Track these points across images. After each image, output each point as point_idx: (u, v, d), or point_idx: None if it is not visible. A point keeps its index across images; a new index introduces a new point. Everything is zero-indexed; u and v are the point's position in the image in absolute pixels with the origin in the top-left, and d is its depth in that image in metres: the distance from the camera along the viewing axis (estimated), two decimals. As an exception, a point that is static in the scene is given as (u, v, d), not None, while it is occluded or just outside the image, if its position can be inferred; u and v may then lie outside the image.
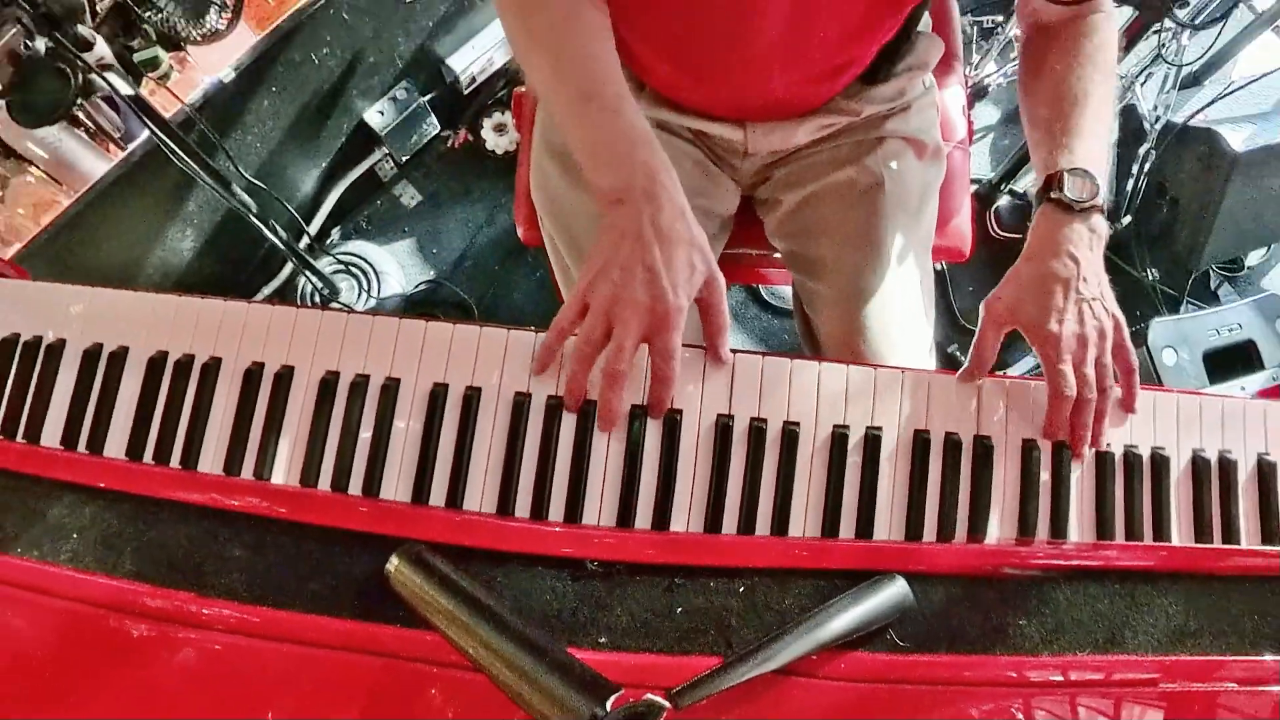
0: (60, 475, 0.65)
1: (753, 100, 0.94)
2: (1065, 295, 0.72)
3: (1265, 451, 0.74)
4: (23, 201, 1.61)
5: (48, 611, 0.60)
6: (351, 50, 1.76)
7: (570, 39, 0.74)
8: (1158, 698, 0.59)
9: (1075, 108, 0.79)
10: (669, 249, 0.67)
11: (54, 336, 0.73)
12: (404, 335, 0.72)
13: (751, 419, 0.70)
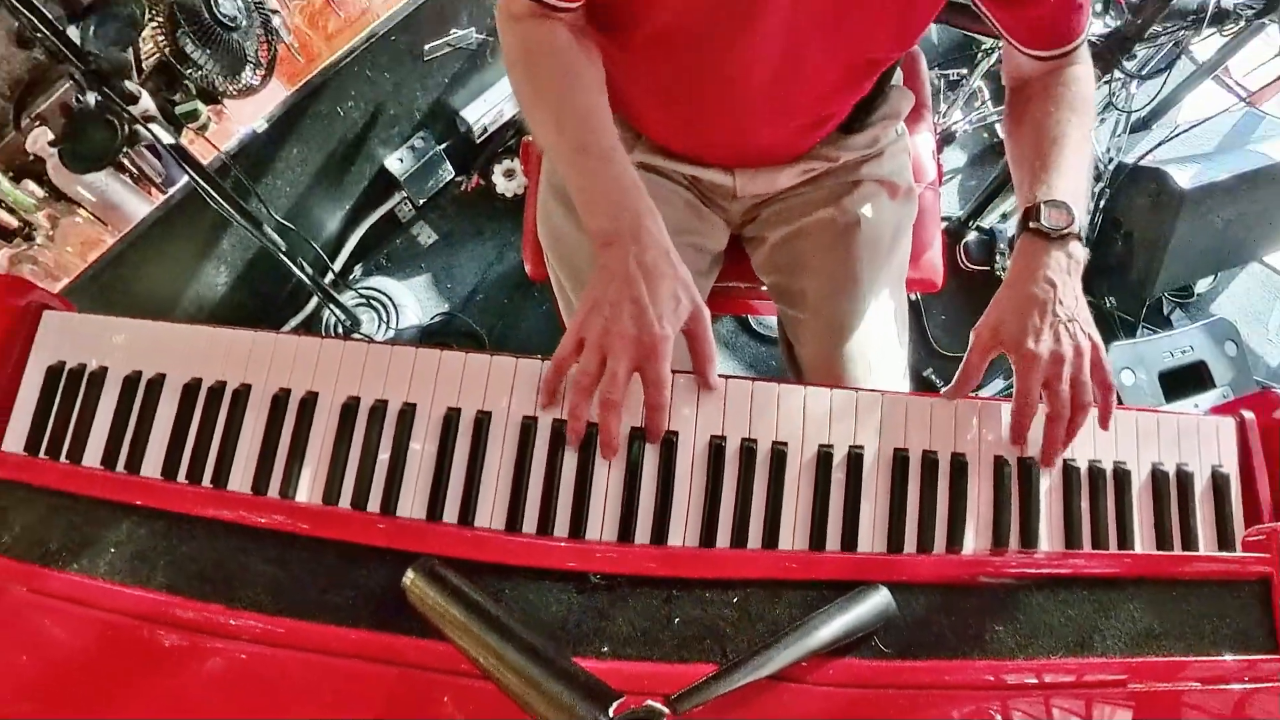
0: (99, 494, 0.64)
1: (741, 150, 0.95)
2: (1043, 316, 0.72)
3: (1219, 464, 0.74)
4: (71, 240, 1.62)
5: (86, 622, 0.59)
6: (374, 103, 1.79)
7: (569, 97, 0.75)
8: (1126, 697, 0.59)
9: (1054, 147, 0.80)
10: (655, 284, 0.67)
11: (97, 364, 0.73)
12: (420, 364, 0.72)
13: (742, 440, 0.70)
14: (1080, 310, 0.74)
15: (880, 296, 0.94)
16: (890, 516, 0.69)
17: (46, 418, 0.72)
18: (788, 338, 1.04)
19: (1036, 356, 0.70)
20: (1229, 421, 0.76)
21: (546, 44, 0.76)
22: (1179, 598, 0.62)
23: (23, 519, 0.63)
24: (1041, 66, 0.84)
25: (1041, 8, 0.78)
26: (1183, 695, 0.59)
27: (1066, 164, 0.78)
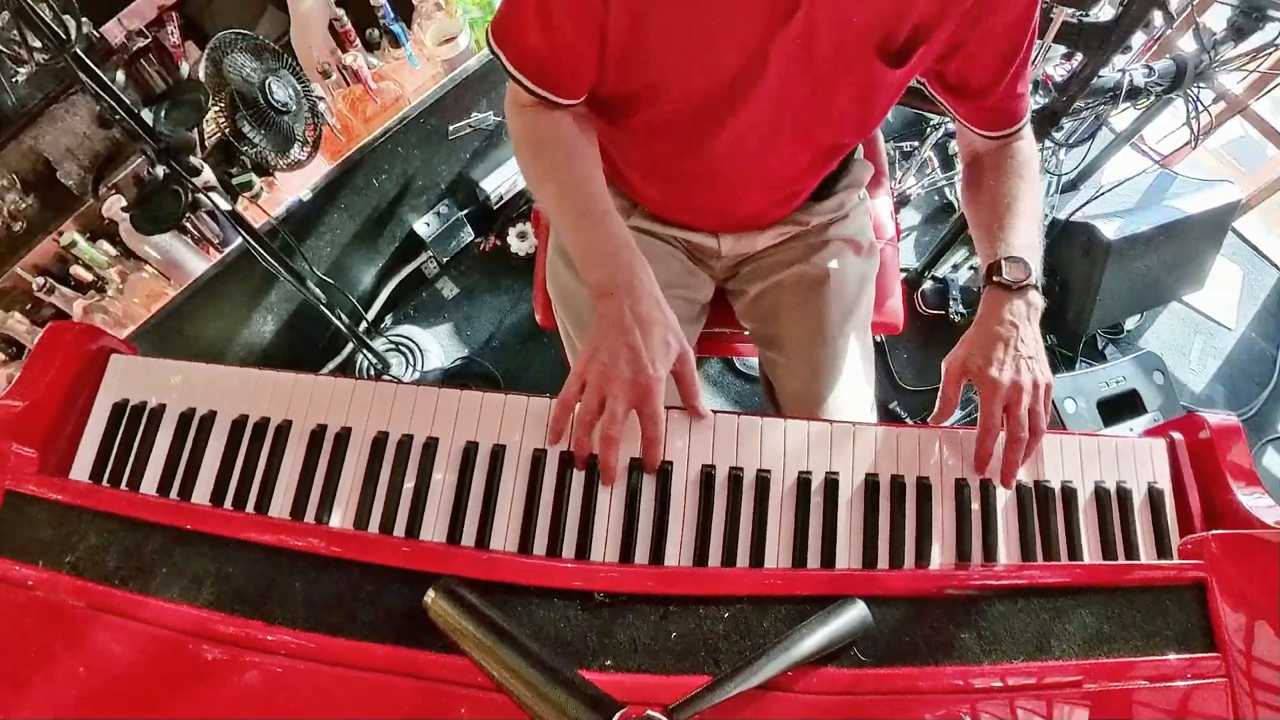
0: (154, 519, 0.63)
1: (725, 218, 0.96)
2: (1005, 351, 0.72)
3: (1154, 481, 0.73)
4: (138, 292, 1.63)
5: (138, 637, 0.57)
6: (404, 176, 1.81)
7: (570, 173, 0.76)
8: (1083, 697, 0.57)
9: (1008, 211, 0.81)
10: (647, 331, 0.67)
11: (156, 402, 0.73)
12: (442, 402, 0.71)
13: (730, 468, 0.69)
14: (1039, 351, 0.74)
15: (848, 340, 0.94)
16: (864, 535, 0.68)
17: (110, 449, 0.72)
18: (767, 377, 1.04)
19: (999, 384, 0.70)
20: (1160, 442, 0.75)
21: (550, 130, 0.77)
22: (1125, 603, 0.61)
23: (86, 541, 0.62)
24: (992, 144, 0.86)
25: (991, 99, 0.80)
26: (1134, 694, 0.58)
27: (1021, 225, 0.80)
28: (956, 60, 0.76)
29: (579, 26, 0.68)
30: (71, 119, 1.84)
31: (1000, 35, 0.73)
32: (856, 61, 0.70)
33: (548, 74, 0.73)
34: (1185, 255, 1.89)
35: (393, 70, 1.69)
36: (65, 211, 1.81)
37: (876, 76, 0.72)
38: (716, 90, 0.73)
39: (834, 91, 0.74)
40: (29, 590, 0.60)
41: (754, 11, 0.65)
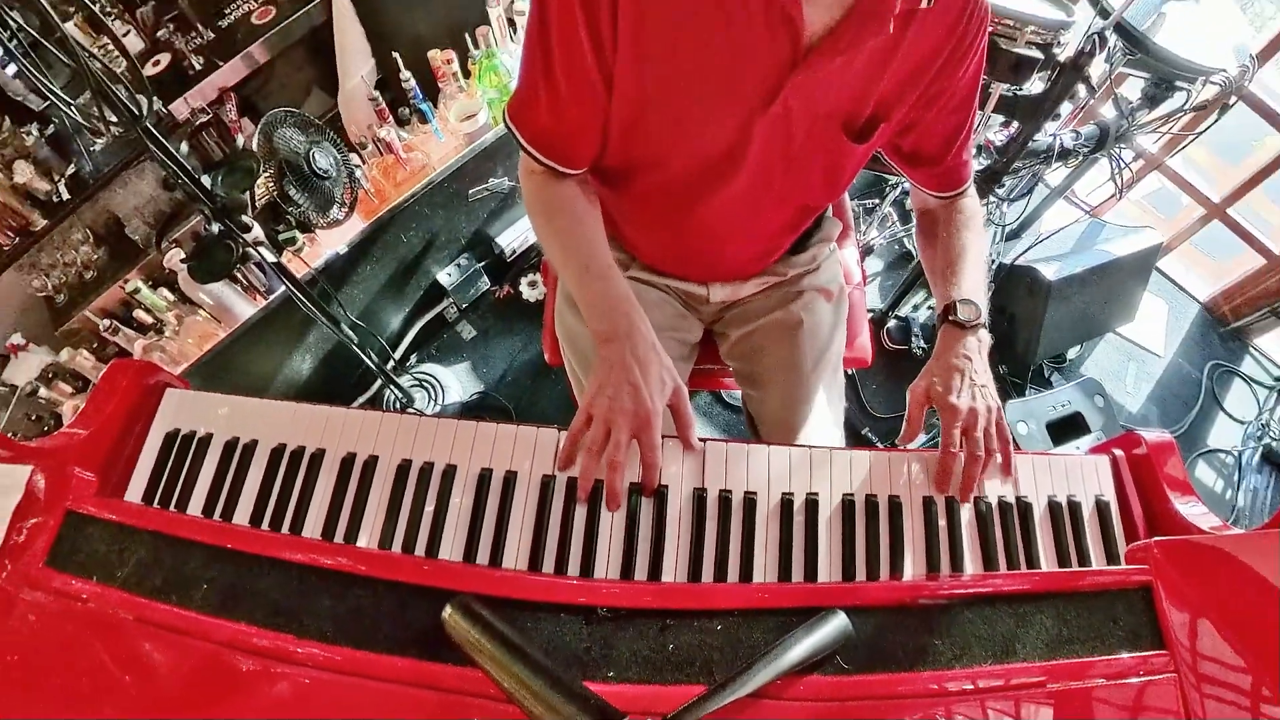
0: (198, 538, 0.61)
1: (712, 270, 0.97)
2: (961, 380, 0.73)
3: (1100, 494, 0.72)
4: (191, 334, 1.63)
5: (180, 648, 0.56)
6: (429, 232, 1.82)
7: (575, 233, 0.77)
8: (1047, 696, 0.55)
9: (959, 259, 0.82)
10: (646, 371, 0.68)
11: (204, 431, 0.72)
12: (460, 433, 0.70)
13: (720, 491, 0.68)
14: (989, 380, 0.74)
15: (820, 378, 0.94)
16: (843, 550, 0.66)
17: (162, 474, 0.70)
18: (749, 409, 1.03)
19: (958, 409, 0.70)
20: (1104, 459, 0.74)
21: (558, 195, 0.77)
22: (1080, 607, 0.60)
23: (136, 557, 0.60)
24: (944, 201, 0.87)
25: (941, 166, 0.82)
26: (1092, 691, 0.56)
27: (970, 271, 0.81)
28: (911, 135, 0.77)
29: (584, 111, 0.69)
30: (140, 182, 1.87)
31: (948, 114, 0.75)
32: (826, 139, 0.72)
33: (556, 148, 0.74)
34: (1116, 292, 1.91)
35: (420, 142, 1.72)
36: (131, 262, 1.83)
37: (843, 150, 0.74)
38: (707, 163, 0.73)
39: (807, 163, 0.75)
40: (83, 603, 0.58)
41: (740, 99, 0.66)
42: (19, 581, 0.58)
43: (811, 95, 0.66)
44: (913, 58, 0.66)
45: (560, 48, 0.64)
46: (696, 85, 0.65)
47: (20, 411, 1.66)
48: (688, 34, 0.62)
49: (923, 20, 0.63)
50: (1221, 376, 2.12)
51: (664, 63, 0.64)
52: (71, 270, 1.86)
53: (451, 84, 1.71)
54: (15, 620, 0.57)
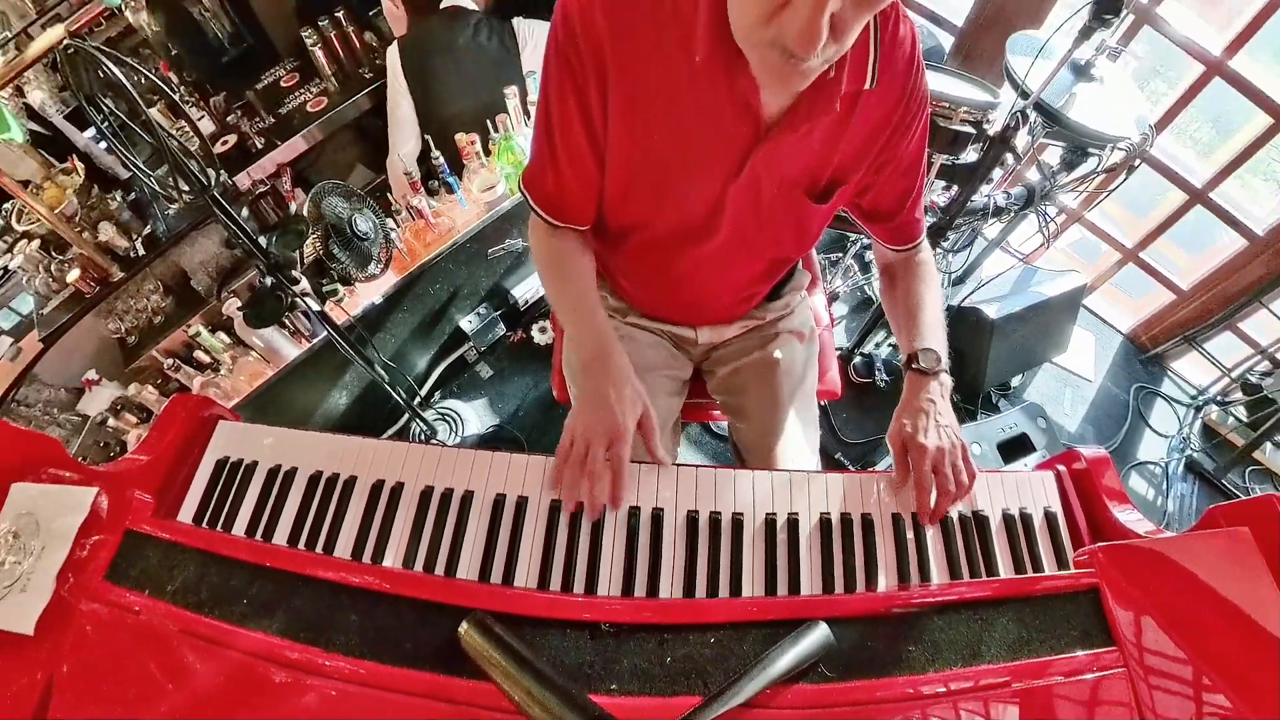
0: (241, 556, 0.59)
1: (699, 315, 0.97)
2: (927, 420, 0.71)
3: (1048, 505, 0.70)
4: (243, 372, 1.62)
5: (219, 659, 0.53)
6: (453, 285, 1.83)
7: (571, 279, 0.78)
8: (1012, 695, 0.53)
9: (919, 309, 0.81)
10: (619, 391, 0.68)
11: (250, 459, 0.70)
12: (477, 462, 0.69)
13: (710, 513, 0.66)
14: (953, 420, 0.73)
15: (797, 408, 0.93)
16: (823, 565, 0.64)
17: (211, 497, 0.68)
18: (734, 438, 1.02)
19: (926, 448, 0.69)
20: (1049, 474, 0.73)
21: (559, 247, 0.78)
22: (1037, 610, 0.57)
23: (184, 573, 0.58)
24: (900, 255, 0.87)
25: (896, 222, 0.81)
26: (1053, 689, 0.53)
27: (929, 320, 0.80)
28: (868, 195, 0.78)
29: (580, 181, 0.71)
30: (205, 241, 1.90)
31: (899, 178, 0.75)
32: (791, 201, 0.72)
33: (559, 209, 0.75)
34: (1050, 327, 1.91)
35: (447, 209, 1.74)
36: (194, 309, 1.85)
37: (806, 210, 0.74)
38: (689, 224, 0.74)
39: (776, 222, 0.75)
40: (135, 615, 0.56)
41: (713, 169, 0.67)
42: (80, 594, 0.57)
43: (774, 165, 0.66)
44: (862, 130, 0.67)
45: (560, 130, 0.67)
46: (676, 158, 0.66)
47: (90, 439, 1.64)
48: (667, 116, 0.63)
49: (869, 99, 0.64)
50: (1145, 397, 2.11)
51: (648, 140, 0.65)
52: (142, 316, 1.88)
53: (475, 161, 1.75)
54: (74, 629, 0.55)
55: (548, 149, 0.69)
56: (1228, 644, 0.53)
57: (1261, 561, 0.56)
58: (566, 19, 0.59)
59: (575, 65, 0.61)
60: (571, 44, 0.60)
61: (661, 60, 0.59)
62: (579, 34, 0.59)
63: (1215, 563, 0.58)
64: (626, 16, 0.58)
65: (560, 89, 0.63)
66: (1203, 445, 2.00)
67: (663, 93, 0.61)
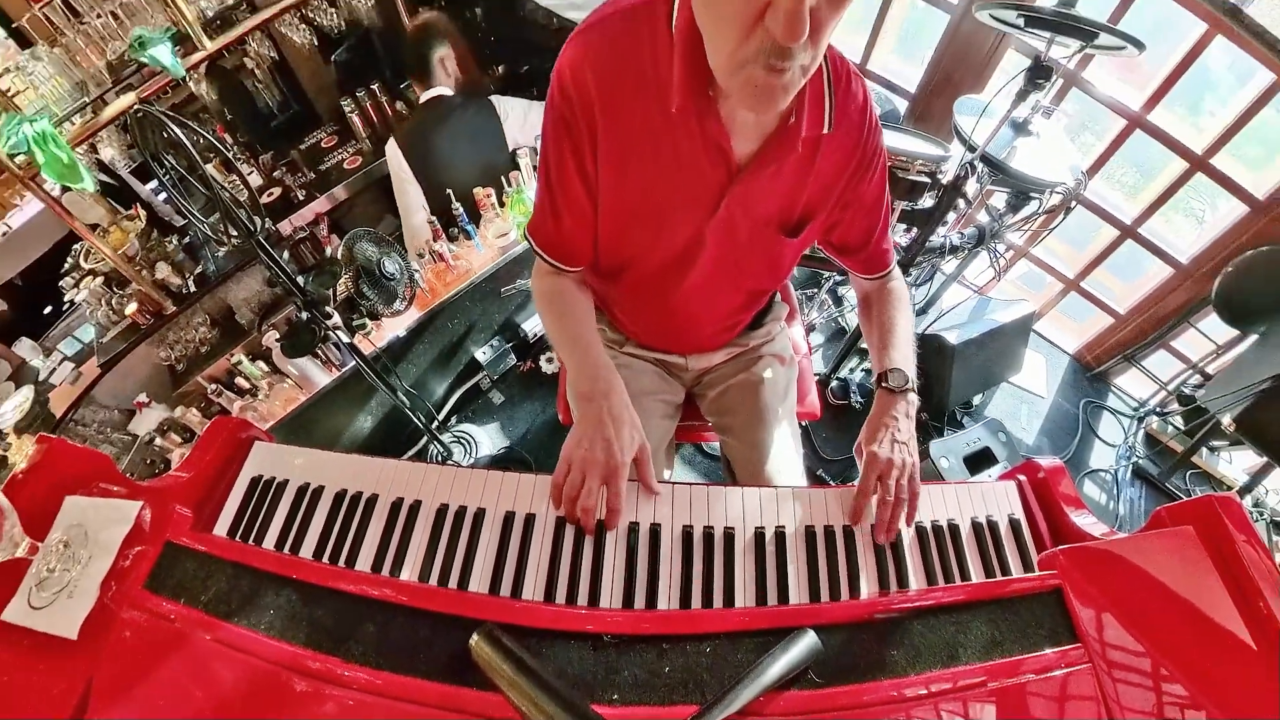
0: (269, 568, 0.57)
1: (688, 344, 0.96)
2: (886, 434, 0.70)
3: (1012, 513, 0.69)
4: (278, 398, 1.61)
5: (245, 667, 0.51)
6: (469, 320, 1.83)
7: (569, 315, 0.77)
8: (989, 695, 0.51)
9: (890, 333, 0.80)
10: (618, 426, 0.65)
11: (281, 477, 0.68)
12: (489, 482, 0.67)
13: (704, 527, 0.64)
14: (911, 439, 0.71)
15: (781, 427, 0.91)
16: (809, 575, 0.62)
17: (245, 512, 0.66)
18: (725, 456, 1.00)
19: (877, 457, 0.67)
20: (1011, 484, 0.72)
21: (559, 286, 0.78)
22: (1008, 611, 0.56)
23: (216, 584, 0.56)
24: (874, 283, 0.86)
25: (865, 253, 0.81)
26: (1025, 686, 0.51)
27: (899, 344, 0.79)
28: (837, 231, 0.78)
29: (577, 226, 0.71)
30: (249, 280, 1.93)
31: (864, 213, 0.75)
32: (764, 236, 0.72)
33: (558, 252, 0.75)
34: (1005, 351, 1.91)
35: (465, 252, 1.76)
36: (237, 340, 1.87)
37: (779, 245, 0.74)
38: (674, 259, 0.74)
39: (751, 256, 0.75)
40: (170, 622, 0.53)
41: (693, 209, 0.68)
42: (121, 601, 0.55)
43: (747, 203, 0.67)
44: (826, 171, 0.67)
45: (558, 182, 0.67)
46: (660, 201, 0.67)
47: (139, 456, 1.63)
48: (650, 162, 0.63)
49: (829, 142, 0.64)
50: (1093, 410, 2.10)
51: (634, 184, 0.66)
52: (190, 345, 1.90)
53: (490, 211, 1.79)
54: (114, 635, 0.53)
55: (549, 199, 0.70)
56: (1181, 635, 0.52)
57: (1206, 556, 0.55)
58: (561, 82, 0.60)
59: (570, 122, 0.62)
60: (566, 104, 0.61)
61: (643, 112, 0.60)
62: (572, 94, 0.60)
63: (1165, 560, 0.57)
64: (612, 75, 0.58)
65: (558, 145, 0.64)
66: (1147, 452, 1.99)
67: (645, 141, 0.62)
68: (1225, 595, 0.53)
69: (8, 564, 0.54)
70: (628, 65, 0.58)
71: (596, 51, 0.58)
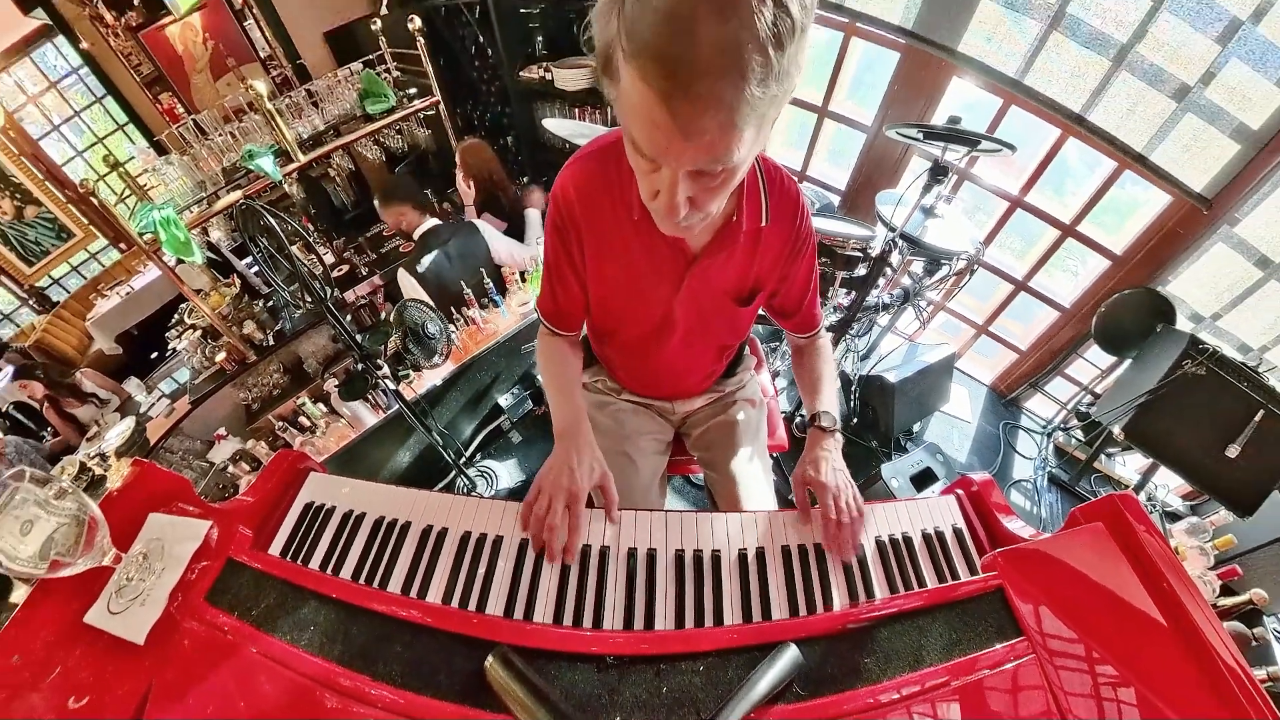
0: (312, 587, 0.53)
1: (673, 392, 0.95)
2: (825, 465, 0.68)
3: (955, 523, 0.66)
4: (333, 435, 1.58)
5: (283, 680, 0.47)
6: (495, 372, 1.82)
7: (558, 369, 0.77)
8: (952, 693, 0.46)
9: (819, 381, 0.80)
10: (581, 461, 0.63)
11: (330, 504, 0.64)
12: (508, 512, 0.63)
13: (694, 550, 0.60)
14: (843, 466, 0.69)
15: (754, 460, 0.88)
16: (788, 591, 0.58)
17: (296, 535, 0.62)
18: (709, 486, 0.96)
19: (827, 486, 0.65)
20: (951, 498, 0.69)
21: (555, 346, 0.79)
22: (961, 612, 0.52)
23: (266, 600, 0.52)
24: (805, 340, 0.86)
25: (799, 316, 0.82)
26: (983, 681, 0.47)
27: (827, 390, 0.79)
28: (777, 299, 0.79)
29: (570, 302, 0.74)
30: (317, 337, 1.94)
31: (798, 285, 0.77)
32: (723, 305, 0.73)
33: (557, 322, 0.78)
34: (935, 385, 1.91)
35: (493, 318, 1.78)
36: (303, 385, 1.87)
37: (736, 311, 0.75)
38: (652, 327, 0.75)
39: (715, 321, 0.76)
40: (224, 634, 0.49)
41: (660, 289, 0.70)
42: (185, 611, 0.51)
43: (705, 281, 0.69)
44: (768, 254, 0.70)
45: (554, 271, 0.72)
46: (635, 283, 0.69)
47: (213, 482, 1.60)
48: (624, 257, 0.67)
49: (768, 232, 0.67)
50: (1010, 430, 2.09)
51: (612, 273, 0.69)
52: (265, 388, 1.91)
53: (514, 285, 1.84)
54: (175, 641, 0.49)
55: (548, 283, 0.75)
56: (1105, 619, 0.50)
57: (1115, 547, 0.54)
58: (555, 200, 0.66)
59: (562, 229, 0.67)
60: (559, 215, 0.66)
61: (615, 220, 0.63)
62: (563, 209, 0.65)
63: (1083, 553, 0.55)
64: (591, 195, 0.63)
65: (554, 246, 0.69)
66: (1057, 462, 1.97)
67: (618, 240, 0.66)
68: (1135, 578, 0.52)
69: (94, 571, 0.51)
70: (602, 187, 0.62)
71: (580, 178, 0.63)
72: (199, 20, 2.44)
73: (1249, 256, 1.54)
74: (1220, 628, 0.48)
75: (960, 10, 1.62)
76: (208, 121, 1.74)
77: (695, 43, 0.34)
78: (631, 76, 0.38)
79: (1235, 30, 1.32)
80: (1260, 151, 1.39)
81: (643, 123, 0.39)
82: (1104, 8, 1.45)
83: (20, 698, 0.44)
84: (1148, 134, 1.53)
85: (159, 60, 2.46)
